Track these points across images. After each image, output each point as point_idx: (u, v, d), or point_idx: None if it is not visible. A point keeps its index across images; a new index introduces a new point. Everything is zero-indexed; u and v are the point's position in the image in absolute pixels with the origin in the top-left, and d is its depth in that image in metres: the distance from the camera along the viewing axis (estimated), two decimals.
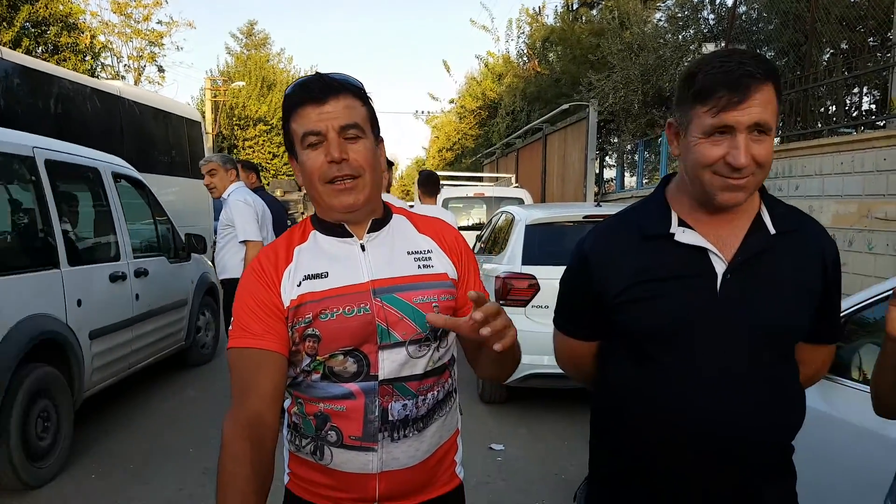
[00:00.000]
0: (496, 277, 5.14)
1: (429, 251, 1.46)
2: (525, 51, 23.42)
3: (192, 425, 4.99)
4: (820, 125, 8.45)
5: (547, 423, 5.10)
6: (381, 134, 1.47)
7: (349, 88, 1.37)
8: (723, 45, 10.45)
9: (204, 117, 30.15)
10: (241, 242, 4.66)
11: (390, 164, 6.17)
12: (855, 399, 1.98)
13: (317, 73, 1.39)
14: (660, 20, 14.19)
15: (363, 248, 1.42)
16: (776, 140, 9.61)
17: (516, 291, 5.00)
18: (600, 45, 14.32)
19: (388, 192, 6.40)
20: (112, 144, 9.35)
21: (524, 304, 4.99)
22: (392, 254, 1.43)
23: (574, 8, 20.58)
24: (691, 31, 12.95)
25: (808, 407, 2.12)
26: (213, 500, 1.27)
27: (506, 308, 4.95)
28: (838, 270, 1.39)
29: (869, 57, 8.94)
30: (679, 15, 13.28)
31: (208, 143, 29.13)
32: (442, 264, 1.46)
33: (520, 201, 10.32)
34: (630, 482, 1.41)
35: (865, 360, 2.11)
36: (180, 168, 12.17)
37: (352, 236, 1.42)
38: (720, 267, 1.31)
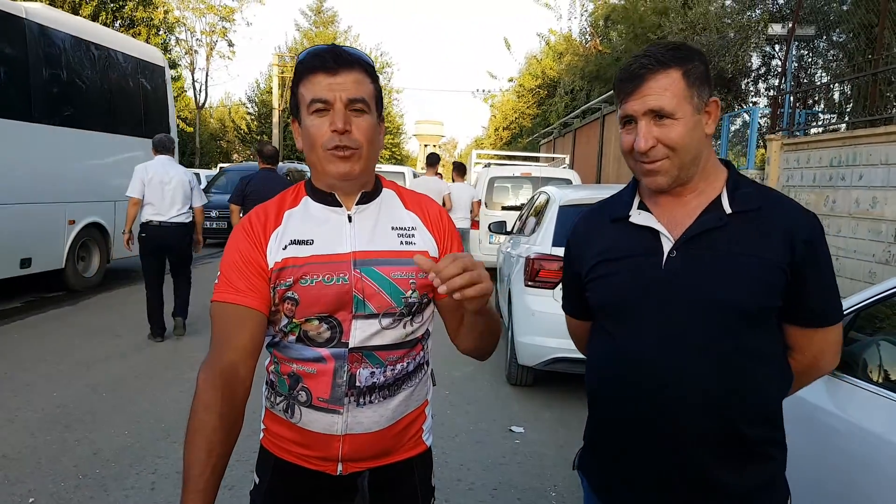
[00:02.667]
0: (526, 258, 5.05)
1: (413, 228, 1.50)
2: (587, 29, 22.87)
3: None
4: (891, 110, 7.94)
5: (572, 408, 5.00)
6: (442, 118, 1.54)
7: (361, 64, 1.41)
8: (790, 25, 9.93)
9: (271, 93, 30.86)
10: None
11: (438, 158, 8.83)
12: (862, 399, 1.84)
13: (332, 44, 1.44)
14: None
15: (350, 219, 1.45)
16: (842, 126, 9.15)
17: (546, 273, 4.89)
18: (662, 25, 13.83)
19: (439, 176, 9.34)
20: (10, 85, 7.57)
21: (553, 286, 4.88)
22: (376, 227, 1.46)
23: None
24: (758, 11, 12.36)
25: (811, 404, 2.01)
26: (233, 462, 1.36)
27: (534, 290, 4.92)
28: (815, 248, 1.33)
29: None
30: None
31: (274, 117, 29.81)
32: (424, 242, 1.48)
33: (568, 182, 10.14)
34: (599, 446, 1.50)
35: (877, 356, 1.95)
36: (127, 124, 9.63)
37: (341, 206, 1.46)
38: (668, 246, 1.36)
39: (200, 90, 30.43)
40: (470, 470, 3.86)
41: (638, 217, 1.40)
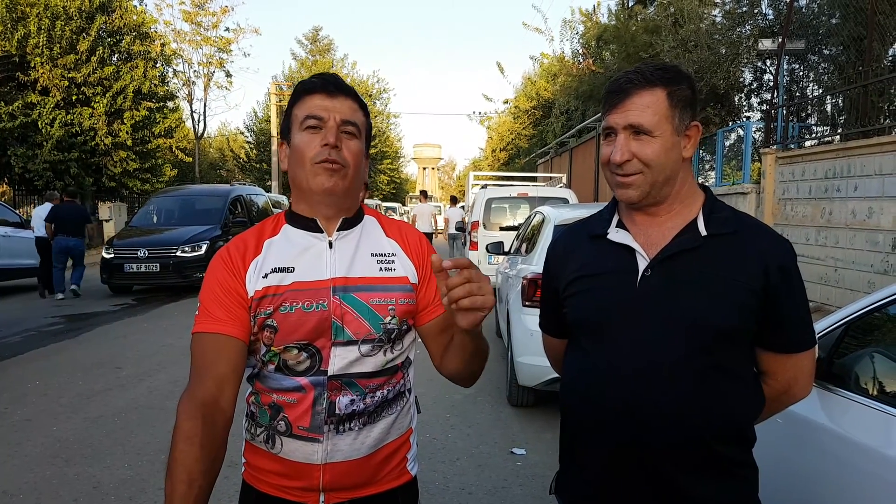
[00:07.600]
0: (522, 278, 5.05)
1: (392, 254, 1.50)
2: (580, 50, 23.10)
3: None
4: (883, 120, 7.99)
5: None
6: (442, 141, 1.58)
7: (357, 97, 1.47)
8: (780, 40, 10.03)
9: (269, 122, 30.99)
10: None
11: (427, 193, 10.31)
12: (855, 412, 1.83)
13: (333, 73, 1.49)
14: (716, 16, 13.74)
15: (331, 244, 1.45)
16: (836, 138, 9.20)
17: None
18: (654, 43, 13.97)
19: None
20: None
21: None
22: (357, 254, 1.47)
23: (629, 6, 20.16)
24: (748, 27, 12.50)
25: (803, 418, 2.00)
26: (237, 493, 1.42)
27: (532, 310, 4.92)
28: (789, 276, 1.34)
29: None
30: (736, 11, 12.84)
31: (273, 145, 29.74)
32: (404, 268, 1.49)
33: (564, 201, 10.18)
34: (572, 465, 1.50)
35: (868, 368, 1.94)
36: None
37: (322, 232, 1.46)
38: (643, 264, 1.37)
39: (199, 121, 30.66)
40: (472, 495, 3.82)
41: (616, 235, 1.42)
